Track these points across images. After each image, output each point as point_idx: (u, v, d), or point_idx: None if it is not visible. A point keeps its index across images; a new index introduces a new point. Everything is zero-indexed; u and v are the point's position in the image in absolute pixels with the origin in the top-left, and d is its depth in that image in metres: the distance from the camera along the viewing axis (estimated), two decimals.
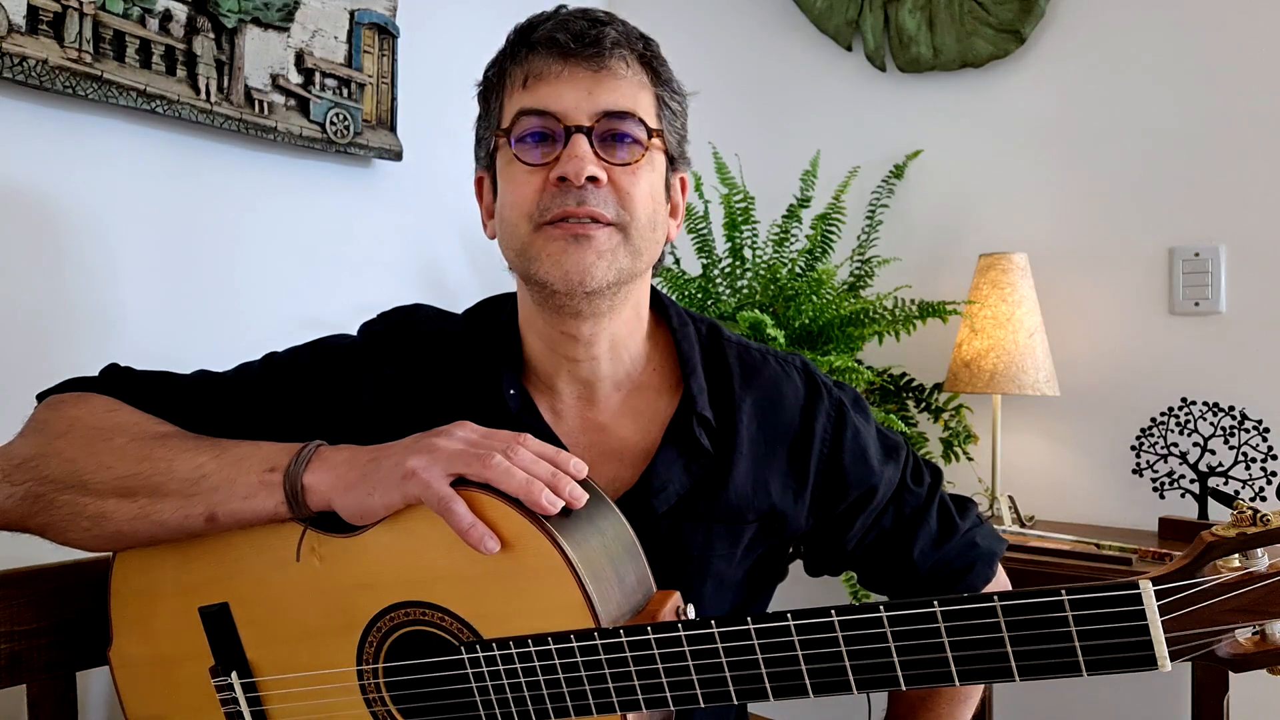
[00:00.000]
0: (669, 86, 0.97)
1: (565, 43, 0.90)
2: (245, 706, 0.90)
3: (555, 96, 0.91)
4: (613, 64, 0.91)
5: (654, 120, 0.95)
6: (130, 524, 0.88)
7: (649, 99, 0.95)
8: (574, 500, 0.81)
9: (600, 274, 0.90)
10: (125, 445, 0.90)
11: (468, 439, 0.83)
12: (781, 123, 2.49)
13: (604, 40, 0.91)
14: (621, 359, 1.00)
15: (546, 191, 0.90)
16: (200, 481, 0.87)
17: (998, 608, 0.68)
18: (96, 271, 1.50)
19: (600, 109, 0.91)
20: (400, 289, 2.02)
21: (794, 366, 1.05)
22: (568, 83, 0.91)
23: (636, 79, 0.94)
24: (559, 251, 0.90)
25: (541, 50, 0.92)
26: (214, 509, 0.86)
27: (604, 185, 0.90)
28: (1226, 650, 0.66)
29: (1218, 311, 1.99)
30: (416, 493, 0.80)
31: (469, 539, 0.77)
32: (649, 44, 0.96)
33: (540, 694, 0.79)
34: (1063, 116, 2.15)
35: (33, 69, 1.34)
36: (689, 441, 0.97)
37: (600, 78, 0.91)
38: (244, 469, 0.87)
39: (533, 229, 0.91)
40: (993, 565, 1.09)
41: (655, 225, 0.95)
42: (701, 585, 0.98)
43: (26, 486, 0.89)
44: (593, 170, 0.89)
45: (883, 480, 1.03)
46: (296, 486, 0.85)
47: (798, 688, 0.73)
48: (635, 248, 0.93)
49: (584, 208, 0.89)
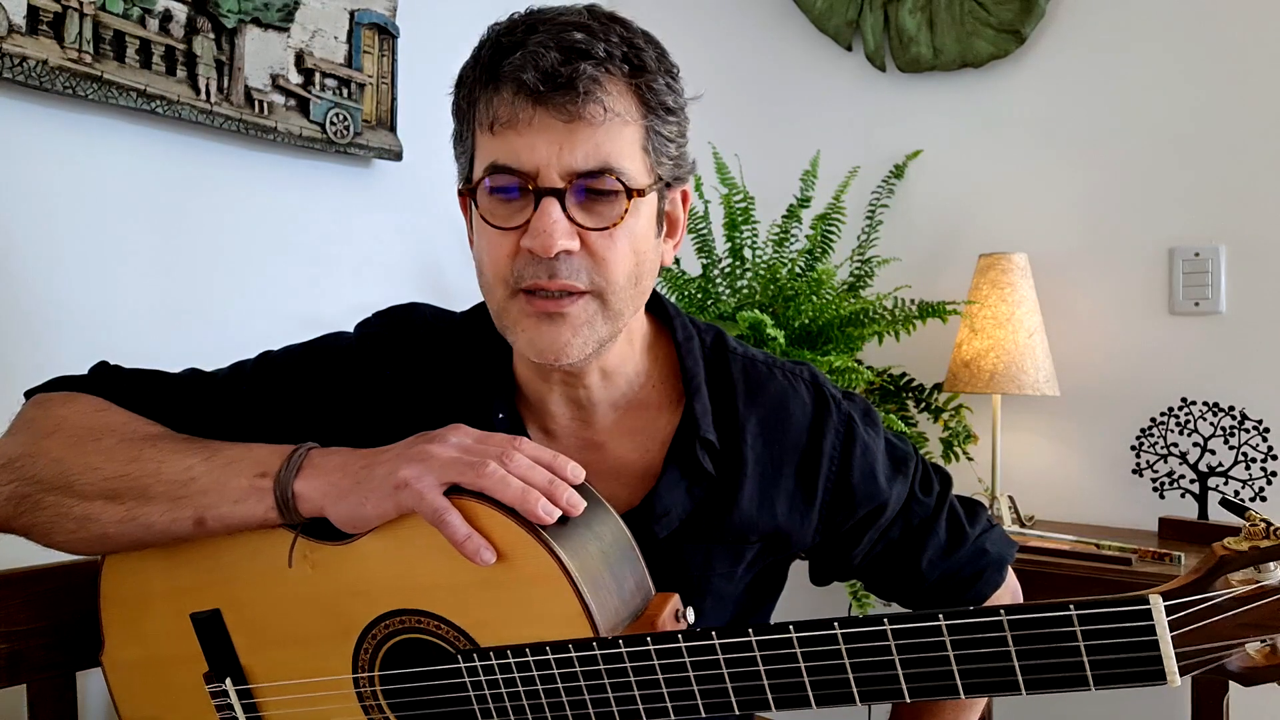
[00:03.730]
0: (660, 110, 0.87)
1: (534, 85, 0.81)
2: (240, 713, 0.89)
3: (527, 150, 0.83)
4: (588, 110, 0.82)
5: (637, 164, 0.86)
6: (117, 526, 0.86)
7: (633, 137, 0.85)
8: (571, 508, 0.79)
9: (576, 350, 0.86)
10: (114, 446, 0.88)
11: (462, 445, 0.81)
12: (781, 123, 2.48)
13: (578, 81, 0.81)
14: (616, 384, 0.97)
15: (519, 256, 0.85)
16: (189, 484, 0.85)
17: (1004, 621, 0.67)
18: (96, 271, 1.49)
19: (573, 168, 0.83)
20: (399, 289, 2.01)
21: (801, 379, 1.01)
22: (539, 134, 0.82)
23: (617, 120, 0.84)
24: (532, 328, 0.86)
25: (508, 91, 0.83)
26: (203, 513, 0.85)
27: (578, 253, 0.84)
28: (1237, 664, 0.66)
29: (1218, 311, 1.98)
30: (410, 504, 0.79)
31: (464, 551, 0.76)
32: (639, 56, 0.85)
33: (539, 703, 0.78)
34: (1063, 116, 2.15)
35: (33, 69, 1.33)
36: (691, 464, 0.94)
37: (573, 129, 0.82)
38: (234, 473, 0.85)
39: (508, 295, 0.87)
40: (1002, 571, 1.07)
41: (639, 279, 0.89)
42: (701, 602, 0.96)
43: (12, 487, 0.87)
44: (564, 243, 0.82)
45: (892, 496, 1.01)
46: (288, 494, 0.83)
47: (800, 699, 0.72)
48: (614, 312, 0.88)
49: (555, 281, 0.84)
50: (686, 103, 0.92)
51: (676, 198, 0.95)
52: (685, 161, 0.94)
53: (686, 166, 0.94)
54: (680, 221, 0.98)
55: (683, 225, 0.98)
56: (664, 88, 0.87)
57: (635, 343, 0.97)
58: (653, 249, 0.92)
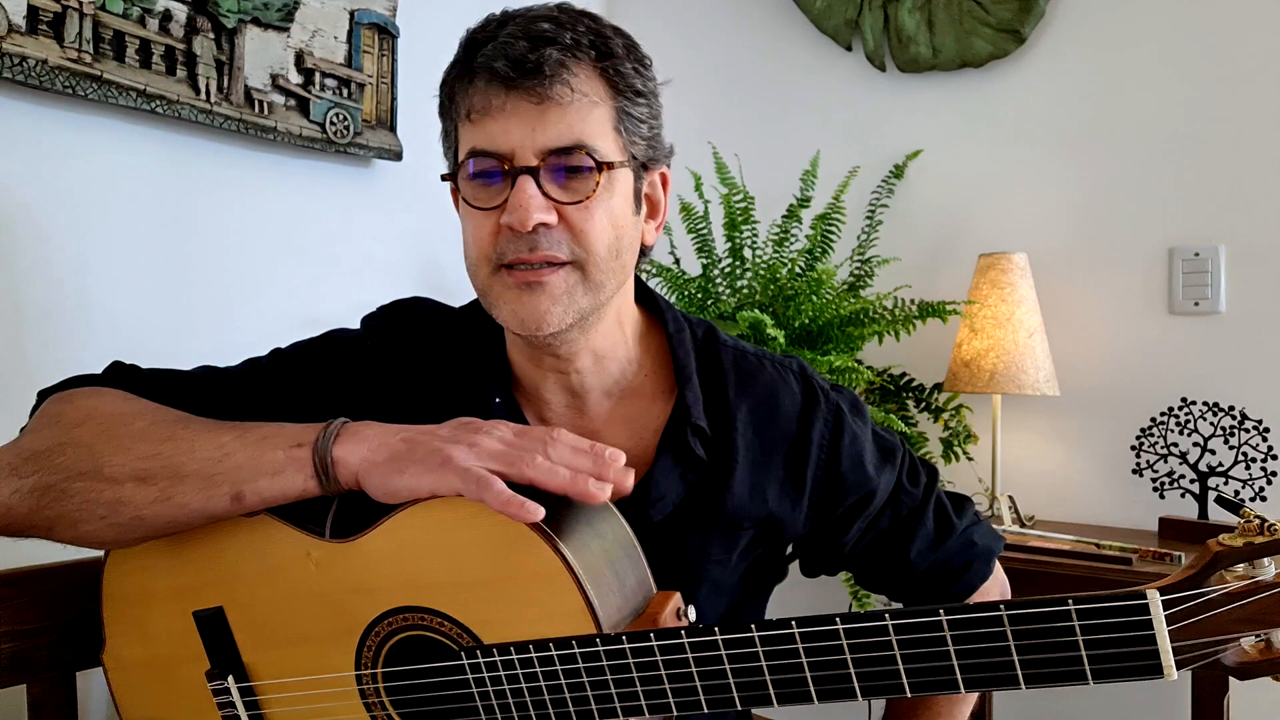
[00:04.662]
0: (628, 93, 0.92)
1: (505, 73, 0.86)
2: (243, 710, 0.89)
3: (502, 133, 0.87)
4: (556, 91, 0.87)
5: (609, 142, 0.90)
6: (151, 508, 0.84)
7: (603, 116, 0.90)
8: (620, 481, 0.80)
9: (556, 319, 0.89)
10: (146, 429, 0.87)
11: (504, 439, 0.81)
12: (781, 123, 2.49)
13: (545, 65, 0.86)
14: (608, 369, 0.99)
15: (501, 235, 0.89)
16: (224, 460, 0.84)
17: (1004, 617, 0.68)
18: (96, 271, 1.49)
19: (545, 145, 0.87)
20: (400, 289, 2.00)
21: (790, 371, 1.04)
22: (512, 117, 0.87)
23: (586, 100, 0.88)
24: (514, 299, 0.90)
25: (482, 81, 0.88)
26: (240, 488, 0.83)
27: (556, 226, 0.88)
28: (1232, 659, 0.67)
29: (1217, 311, 1.99)
30: (453, 480, 0.78)
31: (509, 511, 0.75)
32: (605, 44, 0.90)
33: (542, 699, 0.78)
34: (1063, 116, 2.15)
35: (33, 69, 1.33)
36: (684, 450, 0.96)
37: (544, 110, 0.87)
38: (269, 446, 0.84)
39: (491, 272, 0.91)
40: (990, 563, 1.09)
41: (619, 252, 0.92)
42: (697, 590, 0.98)
43: (36, 478, 0.85)
44: (540, 216, 0.86)
45: (880, 484, 1.03)
46: (327, 460, 0.82)
47: (802, 694, 0.73)
48: (595, 283, 0.90)
49: (536, 253, 0.87)
50: (658, 89, 0.96)
51: (655, 180, 0.99)
52: (660, 144, 0.97)
53: (662, 149, 0.98)
54: (661, 204, 1.01)
55: (664, 207, 1.01)
56: (631, 72, 0.92)
57: (626, 329, 1.00)
58: (631, 225, 0.95)
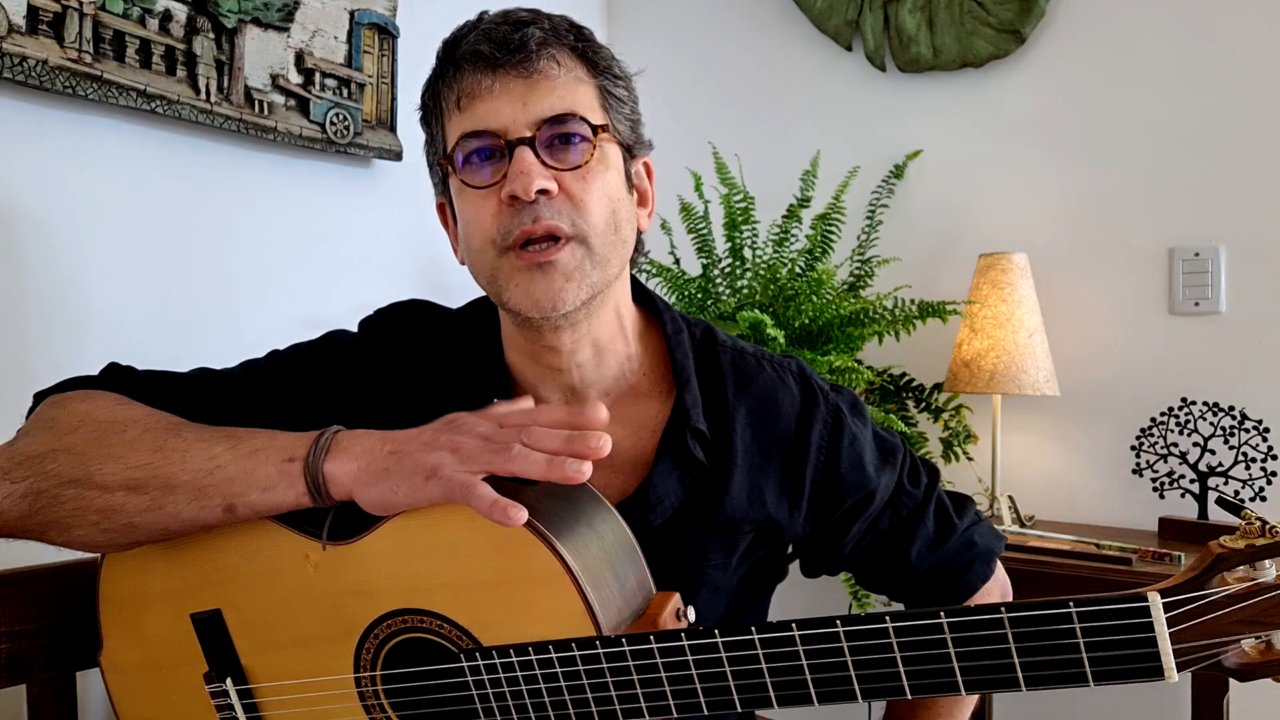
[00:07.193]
0: (609, 74, 0.94)
1: (490, 54, 0.88)
2: (241, 713, 0.89)
3: (492, 113, 0.89)
4: (543, 65, 0.89)
5: (598, 114, 0.92)
6: (143, 516, 0.84)
7: (589, 92, 0.92)
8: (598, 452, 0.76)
9: (571, 297, 0.89)
10: (138, 437, 0.87)
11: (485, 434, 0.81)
12: (781, 123, 2.49)
13: (529, 42, 0.88)
14: (608, 363, 0.99)
15: (503, 213, 0.89)
16: (216, 472, 0.84)
17: (1004, 619, 0.67)
18: (96, 271, 1.49)
19: (538, 116, 0.88)
20: (400, 289, 2.01)
21: (789, 371, 1.04)
22: (501, 96, 0.88)
23: (571, 75, 0.91)
24: (526, 281, 0.89)
25: (468, 67, 0.89)
26: (232, 500, 0.83)
27: (556, 196, 0.88)
28: (1233, 660, 0.66)
29: (1218, 311, 1.99)
30: (440, 490, 0.78)
31: (494, 516, 0.74)
32: (580, 33, 0.93)
33: (542, 701, 0.78)
34: (1063, 116, 2.15)
35: (33, 69, 1.33)
36: (683, 454, 0.96)
37: (533, 83, 0.89)
38: (261, 460, 0.84)
39: (498, 254, 0.90)
40: (991, 563, 1.09)
41: (618, 226, 0.93)
42: (696, 594, 0.97)
43: (28, 483, 0.85)
44: (541, 183, 0.87)
45: (880, 485, 1.02)
46: (318, 477, 0.82)
47: (803, 696, 0.73)
48: (600, 257, 0.91)
49: (540, 224, 0.87)
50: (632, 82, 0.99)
51: (641, 170, 1.00)
52: (641, 132, 0.99)
53: (644, 139, 1.00)
54: (649, 193, 1.02)
55: (652, 197, 1.03)
56: (609, 57, 0.95)
57: (625, 323, 1.00)
58: (626, 202, 0.95)
